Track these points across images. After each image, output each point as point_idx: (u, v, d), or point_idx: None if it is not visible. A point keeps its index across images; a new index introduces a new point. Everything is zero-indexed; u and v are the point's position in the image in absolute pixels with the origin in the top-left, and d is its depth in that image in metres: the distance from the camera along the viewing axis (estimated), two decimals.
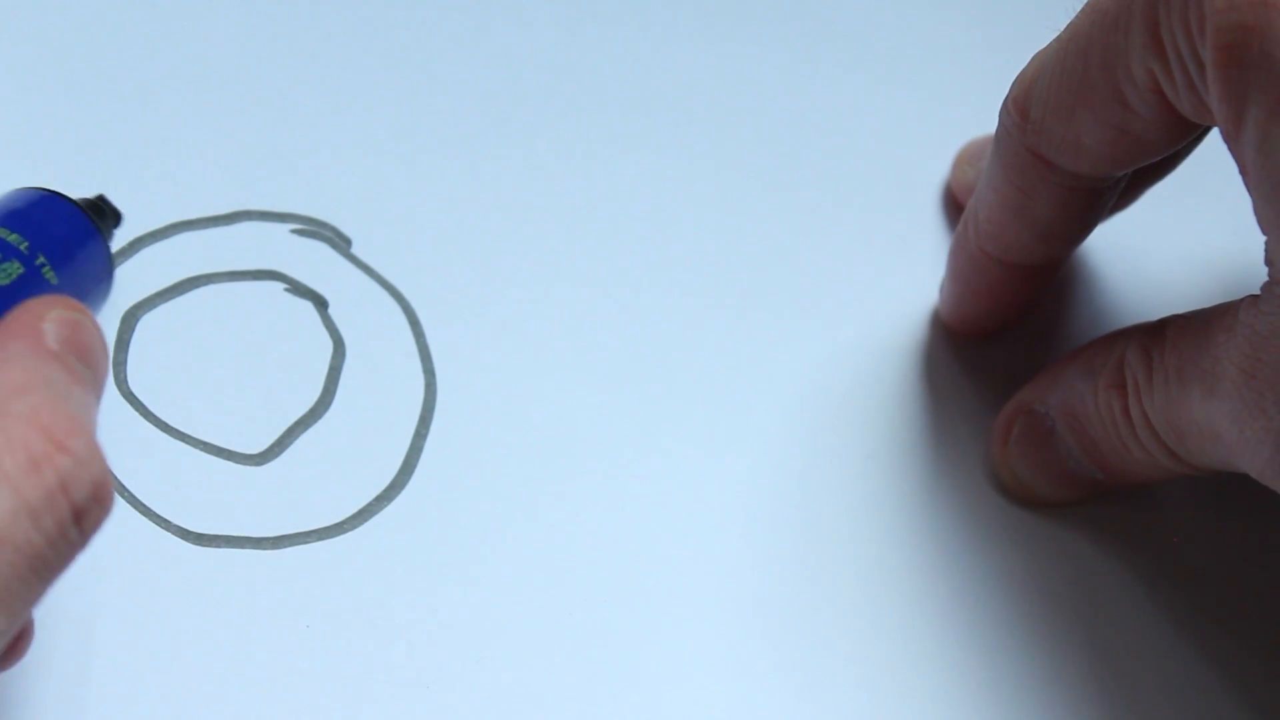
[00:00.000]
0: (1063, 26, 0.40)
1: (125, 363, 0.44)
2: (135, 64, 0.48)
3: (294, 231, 0.47)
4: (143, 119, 0.47)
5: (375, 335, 0.45)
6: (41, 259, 0.34)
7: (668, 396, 0.46)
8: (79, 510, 0.32)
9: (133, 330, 0.44)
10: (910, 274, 0.48)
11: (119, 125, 0.47)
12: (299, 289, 0.46)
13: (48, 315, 0.33)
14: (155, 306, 0.45)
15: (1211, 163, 0.42)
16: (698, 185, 0.49)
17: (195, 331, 0.45)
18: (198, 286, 0.45)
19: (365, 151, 0.48)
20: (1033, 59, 0.41)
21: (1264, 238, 0.37)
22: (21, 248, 0.34)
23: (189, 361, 0.44)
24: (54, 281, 0.35)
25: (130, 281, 0.45)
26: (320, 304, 0.46)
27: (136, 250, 0.45)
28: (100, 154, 0.46)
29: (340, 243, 0.46)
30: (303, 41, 0.49)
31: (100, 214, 0.41)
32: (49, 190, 0.39)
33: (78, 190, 0.43)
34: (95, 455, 0.32)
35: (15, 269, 0.33)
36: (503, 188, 0.48)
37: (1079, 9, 0.39)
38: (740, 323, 0.47)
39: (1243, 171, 0.36)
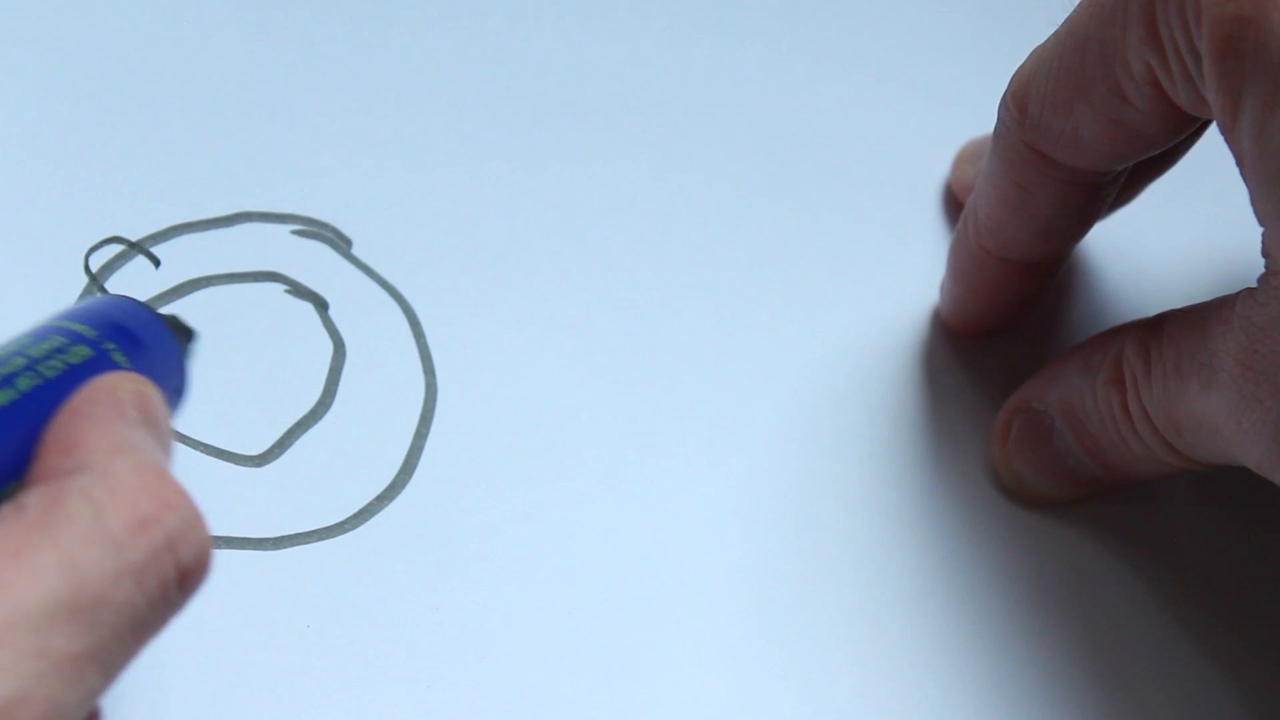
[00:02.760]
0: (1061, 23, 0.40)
1: None
2: (135, 65, 0.48)
3: (294, 233, 0.47)
4: (143, 121, 0.47)
5: (375, 336, 0.45)
6: (110, 344, 0.34)
7: (668, 396, 0.46)
8: (183, 571, 0.31)
9: None
10: (910, 273, 0.48)
11: (119, 127, 0.47)
12: (299, 290, 0.46)
13: (122, 386, 0.33)
14: (156, 308, 0.45)
15: (1209, 158, 0.42)
16: (697, 185, 0.49)
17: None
18: (198, 288, 0.45)
19: (365, 153, 0.48)
20: (1031, 54, 0.41)
21: (1261, 230, 0.37)
22: (89, 335, 0.34)
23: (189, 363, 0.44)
24: (125, 365, 0.34)
25: (131, 284, 0.45)
26: (321, 305, 0.46)
27: (137, 252, 0.45)
28: (101, 155, 0.46)
29: (340, 244, 0.47)
30: (303, 43, 0.49)
31: (175, 325, 0.41)
32: (123, 295, 0.39)
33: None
34: (200, 516, 0.32)
35: (84, 351, 0.33)
36: (503, 189, 0.48)
37: (1077, 4, 0.39)
38: (740, 322, 0.47)
39: (1239, 163, 0.36)
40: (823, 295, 0.48)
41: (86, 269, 0.45)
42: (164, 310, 0.43)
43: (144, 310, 0.36)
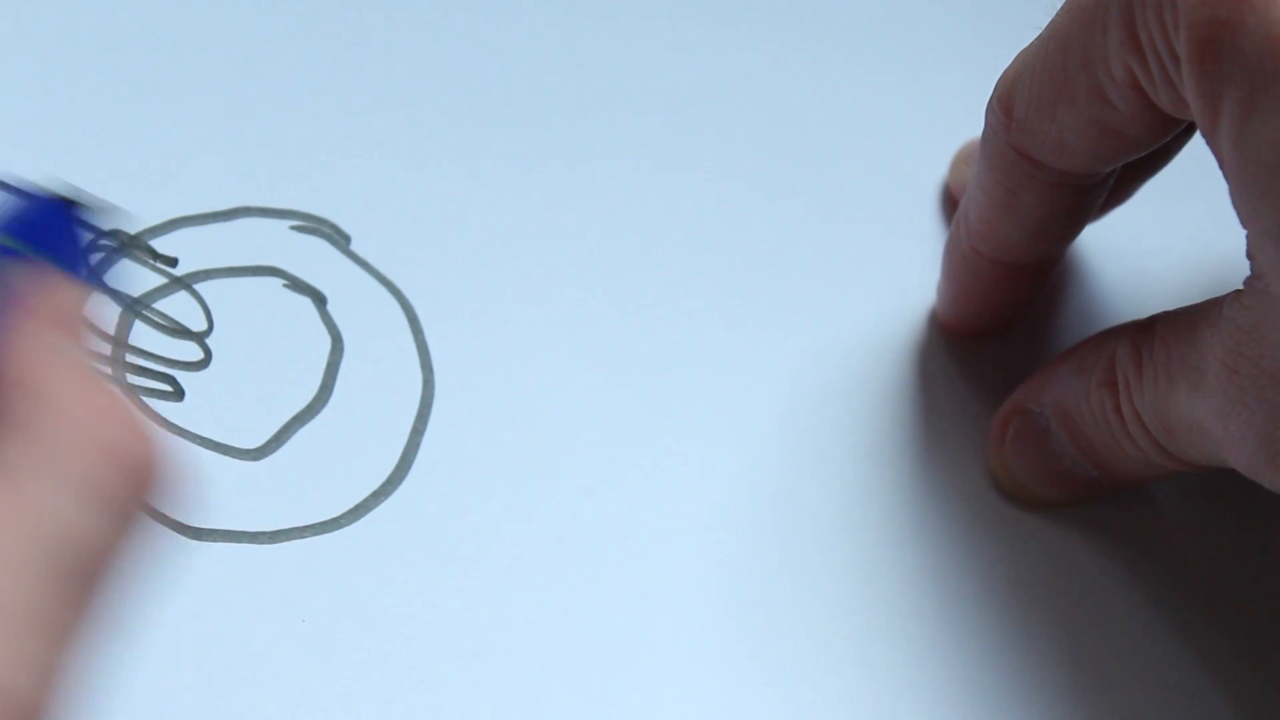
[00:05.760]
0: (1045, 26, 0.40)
1: (124, 358, 0.44)
2: (135, 61, 0.48)
3: (293, 228, 0.47)
4: (143, 115, 0.47)
5: (373, 331, 0.46)
6: None
7: (664, 394, 0.46)
8: (147, 494, 0.30)
9: (130, 327, 0.45)
10: (908, 273, 0.48)
11: (119, 122, 0.47)
12: (298, 285, 0.46)
13: (31, 292, 0.32)
14: (154, 302, 0.45)
15: (1204, 157, 0.42)
16: (696, 184, 0.49)
17: (194, 327, 0.45)
18: (197, 282, 0.46)
19: (365, 149, 0.48)
20: (1016, 58, 0.41)
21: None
22: None
23: (187, 357, 0.44)
24: (16, 248, 0.33)
25: (129, 278, 0.45)
26: (319, 300, 0.46)
27: (136, 246, 0.46)
28: (100, 150, 0.47)
29: (339, 239, 0.47)
30: (303, 39, 0.50)
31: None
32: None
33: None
34: (157, 438, 0.30)
35: None
36: (502, 186, 0.48)
37: (1060, 7, 0.39)
38: (738, 322, 0.47)
39: (1221, 166, 0.36)
40: (820, 295, 0.48)
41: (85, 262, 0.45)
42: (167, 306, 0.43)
43: (21, 187, 0.34)
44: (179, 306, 0.45)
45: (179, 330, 0.45)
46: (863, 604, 0.44)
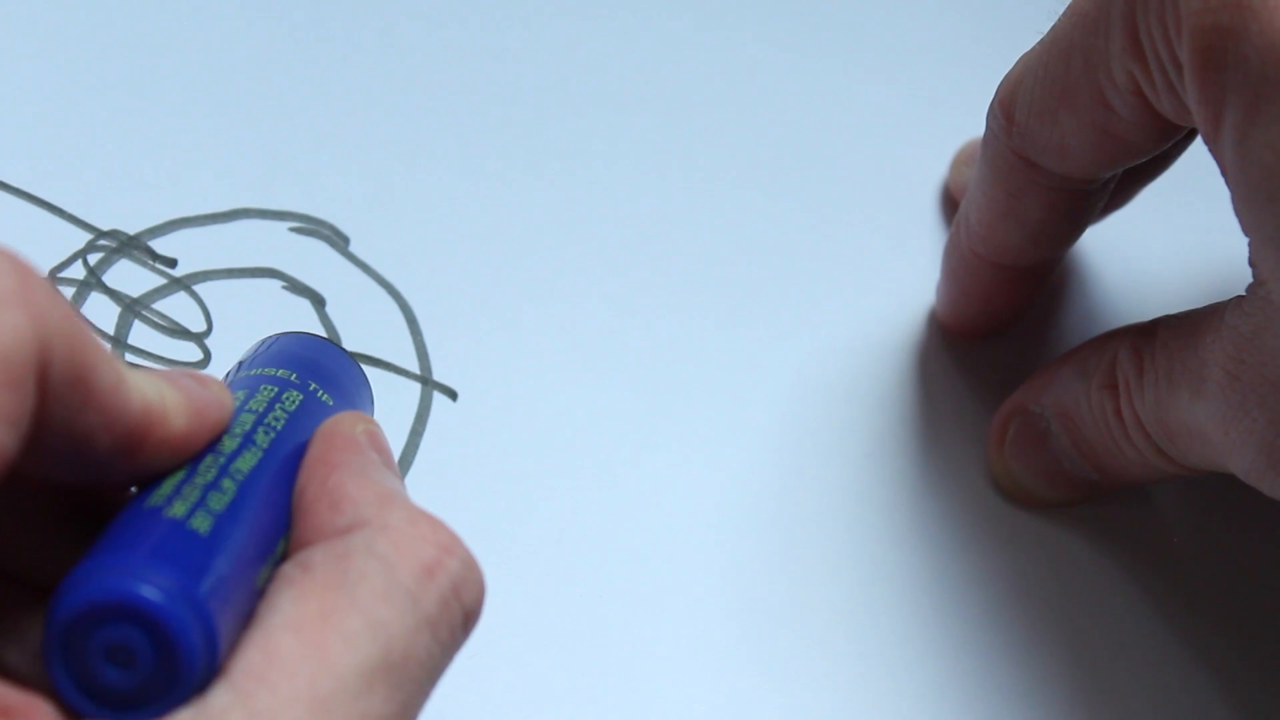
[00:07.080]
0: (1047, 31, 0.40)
1: (123, 358, 0.44)
2: (135, 62, 0.48)
3: (292, 230, 0.47)
4: (143, 116, 0.47)
5: (372, 333, 0.46)
6: (314, 384, 0.36)
7: (664, 394, 0.46)
8: (468, 613, 0.32)
9: (130, 327, 0.45)
10: (908, 274, 0.48)
11: (119, 122, 0.47)
12: (297, 287, 0.46)
13: (356, 429, 0.34)
14: (154, 302, 0.45)
15: (1206, 160, 0.42)
16: (696, 184, 0.49)
17: (193, 328, 0.45)
18: (196, 283, 0.46)
19: (364, 150, 0.48)
20: (1018, 61, 0.41)
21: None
22: (294, 380, 0.36)
23: (187, 358, 0.44)
24: (330, 403, 0.36)
25: (129, 278, 0.45)
26: (318, 302, 0.46)
27: (136, 246, 0.46)
28: (101, 150, 0.47)
29: (338, 241, 0.47)
30: (303, 41, 0.49)
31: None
32: (302, 331, 0.40)
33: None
34: (472, 555, 0.32)
35: (296, 396, 0.35)
36: (500, 187, 0.48)
37: (1062, 11, 0.39)
38: (738, 322, 0.47)
39: (1223, 172, 0.36)
40: (821, 295, 0.48)
41: (84, 262, 0.45)
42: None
43: (323, 342, 0.38)
44: (178, 307, 0.45)
45: (178, 331, 0.45)
46: (863, 603, 0.44)
